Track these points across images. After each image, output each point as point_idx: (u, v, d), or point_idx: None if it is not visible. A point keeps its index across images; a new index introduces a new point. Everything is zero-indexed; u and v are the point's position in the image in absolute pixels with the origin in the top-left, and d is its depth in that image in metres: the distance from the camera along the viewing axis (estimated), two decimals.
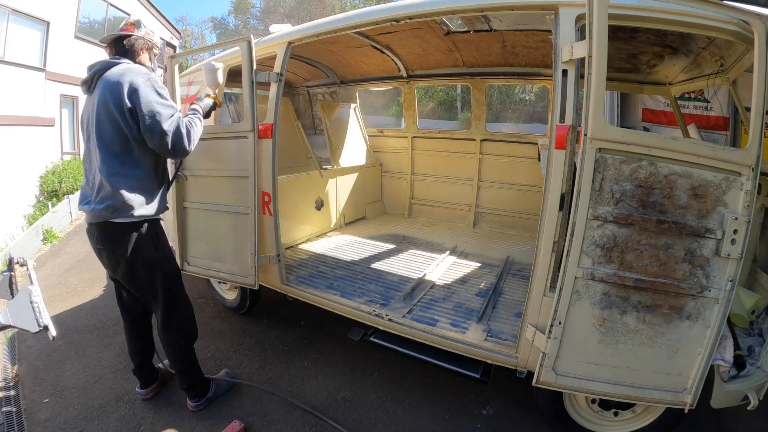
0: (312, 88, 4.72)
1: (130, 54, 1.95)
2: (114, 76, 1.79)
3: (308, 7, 20.94)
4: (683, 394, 1.57)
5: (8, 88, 7.53)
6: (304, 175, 3.53)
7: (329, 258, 3.11)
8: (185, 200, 2.74)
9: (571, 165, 1.60)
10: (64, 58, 9.01)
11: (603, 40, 1.39)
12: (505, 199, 4.01)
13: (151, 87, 1.79)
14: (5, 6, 7.36)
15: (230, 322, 3.22)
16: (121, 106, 1.74)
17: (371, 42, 3.40)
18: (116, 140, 1.79)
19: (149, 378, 2.34)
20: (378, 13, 2.15)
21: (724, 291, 1.47)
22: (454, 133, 4.41)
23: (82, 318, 3.38)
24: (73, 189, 7.86)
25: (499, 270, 2.88)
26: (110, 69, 1.84)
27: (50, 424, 2.17)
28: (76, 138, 9.78)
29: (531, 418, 2.16)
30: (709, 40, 2.03)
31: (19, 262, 2.65)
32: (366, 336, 2.31)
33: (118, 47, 1.95)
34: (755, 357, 1.67)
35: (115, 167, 1.80)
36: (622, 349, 1.58)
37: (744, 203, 1.43)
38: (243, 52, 2.33)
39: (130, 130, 1.79)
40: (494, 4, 1.82)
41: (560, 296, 1.56)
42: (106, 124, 1.78)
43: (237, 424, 2.07)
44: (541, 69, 3.52)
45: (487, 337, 2.00)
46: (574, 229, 1.50)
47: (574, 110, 1.57)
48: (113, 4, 10.86)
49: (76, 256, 5.17)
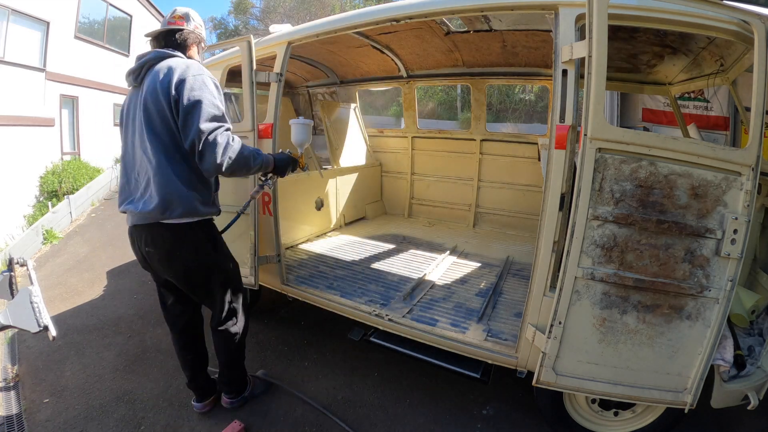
0: (312, 88, 4.71)
1: (181, 48, 1.81)
2: (166, 66, 1.66)
3: (308, 7, 20.94)
4: (683, 394, 1.57)
5: (8, 88, 7.53)
6: (304, 175, 3.53)
7: (329, 258, 3.11)
8: None
9: (571, 165, 1.60)
10: (64, 58, 9.01)
11: (603, 40, 1.39)
12: (505, 199, 4.01)
13: (203, 82, 1.64)
14: (5, 6, 7.36)
15: None
16: (169, 96, 1.61)
17: (371, 42, 3.40)
18: (165, 134, 1.65)
19: (205, 390, 2.18)
20: (378, 13, 2.15)
21: (724, 291, 1.47)
22: (454, 133, 4.41)
23: (82, 318, 3.38)
24: (73, 189, 7.86)
25: (499, 270, 2.88)
26: (163, 60, 1.71)
27: (50, 424, 2.17)
28: (76, 138, 9.78)
29: (531, 418, 2.16)
30: (709, 40, 2.03)
31: (19, 262, 2.65)
32: (366, 336, 2.31)
33: (168, 41, 1.81)
34: (755, 357, 1.67)
35: (165, 163, 1.64)
36: (622, 349, 1.58)
37: (744, 203, 1.43)
38: (243, 52, 2.33)
39: (176, 124, 1.64)
40: (494, 4, 1.82)
41: (560, 296, 1.56)
42: (155, 117, 1.64)
43: (237, 424, 2.07)
44: (541, 69, 3.52)
45: (487, 337, 2.00)
46: (574, 229, 1.50)
47: (574, 110, 1.57)
48: (113, 4, 10.86)
49: (76, 256, 5.17)
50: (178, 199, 1.67)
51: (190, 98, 1.58)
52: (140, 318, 3.34)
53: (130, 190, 1.77)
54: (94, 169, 9.06)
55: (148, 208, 1.67)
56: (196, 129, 1.57)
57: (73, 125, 9.75)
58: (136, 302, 3.66)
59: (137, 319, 3.32)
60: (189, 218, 1.74)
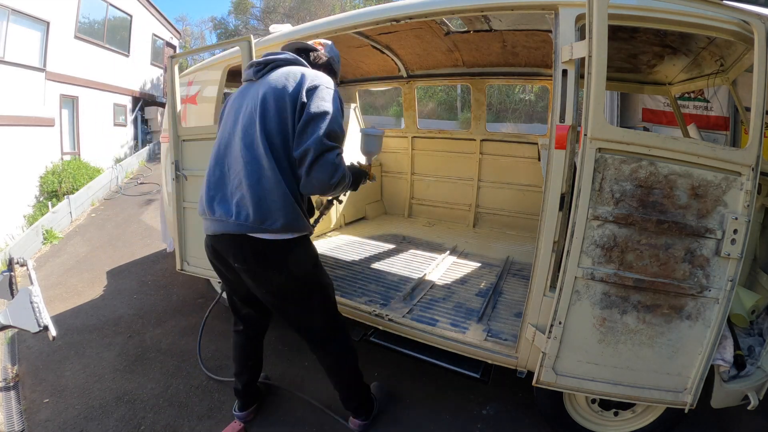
0: None
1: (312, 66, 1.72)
2: (299, 71, 1.55)
3: (308, 7, 20.92)
4: (683, 394, 1.57)
5: (8, 88, 7.53)
6: None
7: (329, 258, 3.11)
8: (185, 200, 2.74)
9: (571, 165, 1.60)
10: (64, 58, 9.00)
11: (603, 40, 1.39)
12: (505, 199, 4.01)
13: (334, 97, 1.53)
14: (5, 6, 7.36)
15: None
16: (297, 99, 1.47)
17: (371, 42, 3.40)
18: (277, 135, 1.48)
19: (252, 398, 2.14)
20: (378, 13, 2.15)
21: (724, 291, 1.47)
22: (454, 133, 4.41)
23: (82, 318, 3.38)
24: (73, 189, 7.85)
25: (499, 270, 2.88)
26: (293, 65, 1.62)
27: (50, 424, 2.17)
28: (76, 138, 9.78)
29: (531, 418, 2.16)
30: (709, 40, 2.03)
31: (19, 262, 2.65)
32: (366, 336, 2.31)
33: (300, 56, 1.72)
34: (755, 357, 1.67)
35: (271, 166, 1.46)
36: (622, 349, 1.58)
37: (744, 203, 1.42)
38: (243, 52, 2.33)
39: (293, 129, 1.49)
40: (494, 4, 1.82)
41: (560, 296, 1.56)
42: (273, 117, 1.48)
43: (237, 424, 2.07)
44: (541, 69, 3.52)
45: (487, 337, 2.00)
46: (574, 229, 1.50)
47: (574, 110, 1.57)
48: (113, 4, 10.86)
49: (76, 256, 5.17)
50: (282, 209, 1.48)
51: (319, 107, 1.46)
52: (140, 318, 3.34)
53: (217, 195, 1.57)
54: (94, 169, 9.06)
55: (242, 216, 1.48)
56: (315, 138, 1.42)
57: (73, 125, 9.74)
58: (136, 302, 3.66)
59: (137, 319, 3.32)
60: (290, 233, 1.55)
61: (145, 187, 8.81)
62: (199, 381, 2.51)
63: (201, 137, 2.65)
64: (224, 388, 2.43)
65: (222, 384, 2.47)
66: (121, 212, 7.22)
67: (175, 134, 2.71)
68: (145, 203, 7.70)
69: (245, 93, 1.64)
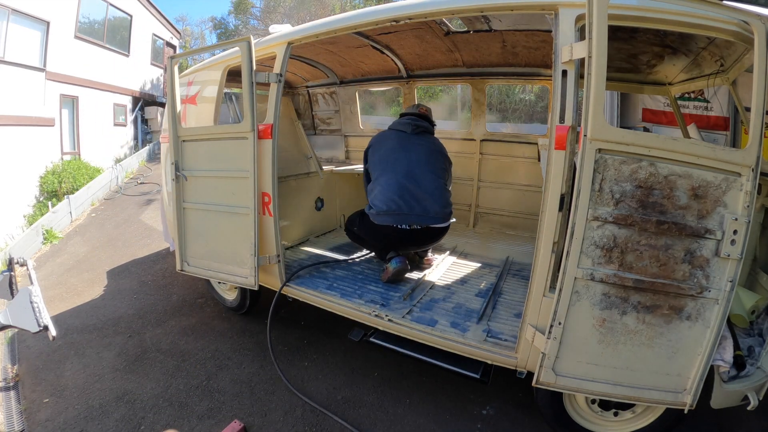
0: (312, 88, 4.71)
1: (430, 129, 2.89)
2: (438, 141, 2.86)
3: (308, 7, 20.90)
4: (683, 394, 1.57)
5: (8, 88, 7.53)
6: (304, 175, 3.53)
7: (329, 258, 3.11)
8: (185, 200, 2.74)
9: (570, 165, 1.60)
10: (65, 58, 9.01)
11: (603, 41, 1.39)
12: (505, 199, 4.01)
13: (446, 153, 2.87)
14: (5, 6, 7.36)
15: (230, 322, 3.22)
16: (444, 156, 2.81)
17: (371, 42, 3.40)
18: (440, 172, 2.71)
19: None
20: (378, 14, 2.15)
21: (724, 291, 1.47)
22: (454, 133, 4.41)
23: (82, 318, 3.38)
24: (73, 189, 7.85)
25: (498, 270, 2.88)
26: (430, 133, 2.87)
27: (50, 424, 2.17)
28: (76, 138, 9.78)
29: (531, 418, 2.16)
30: (709, 40, 2.03)
31: (19, 262, 2.65)
32: (366, 336, 2.31)
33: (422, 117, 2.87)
34: (755, 357, 1.67)
35: (443, 190, 2.66)
36: (621, 349, 1.58)
37: (744, 204, 1.42)
38: (243, 52, 2.33)
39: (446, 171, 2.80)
40: (494, 4, 1.82)
41: (560, 297, 1.56)
42: (438, 161, 2.73)
43: (237, 424, 2.08)
44: (541, 69, 3.52)
45: (487, 337, 2.00)
46: (574, 229, 1.50)
47: (573, 110, 1.57)
48: (113, 4, 10.86)
49: (76, 256, 5.17)
50: (450, 213, 2.67)
51: (449, 162, 2.85)
52: (140, 318, 3.35)
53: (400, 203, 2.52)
54: (94, 169, 9.06)
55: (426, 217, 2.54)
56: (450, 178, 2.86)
57: (73, 125, 9.74)
58: (136, 302, 3.66)
59: (137, 319, 3.32)
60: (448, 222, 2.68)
61: (145, 187, 8.82)
62: (199, 381, 2.51)
63: (201, 138, 2.65)
64: (224, 387, 2.44)
65: (222, 384, 2.47)
66: (121, 212, 7.22)
67: (175, 135, 2.71)
68: (145, 203, 7.70)
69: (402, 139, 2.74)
